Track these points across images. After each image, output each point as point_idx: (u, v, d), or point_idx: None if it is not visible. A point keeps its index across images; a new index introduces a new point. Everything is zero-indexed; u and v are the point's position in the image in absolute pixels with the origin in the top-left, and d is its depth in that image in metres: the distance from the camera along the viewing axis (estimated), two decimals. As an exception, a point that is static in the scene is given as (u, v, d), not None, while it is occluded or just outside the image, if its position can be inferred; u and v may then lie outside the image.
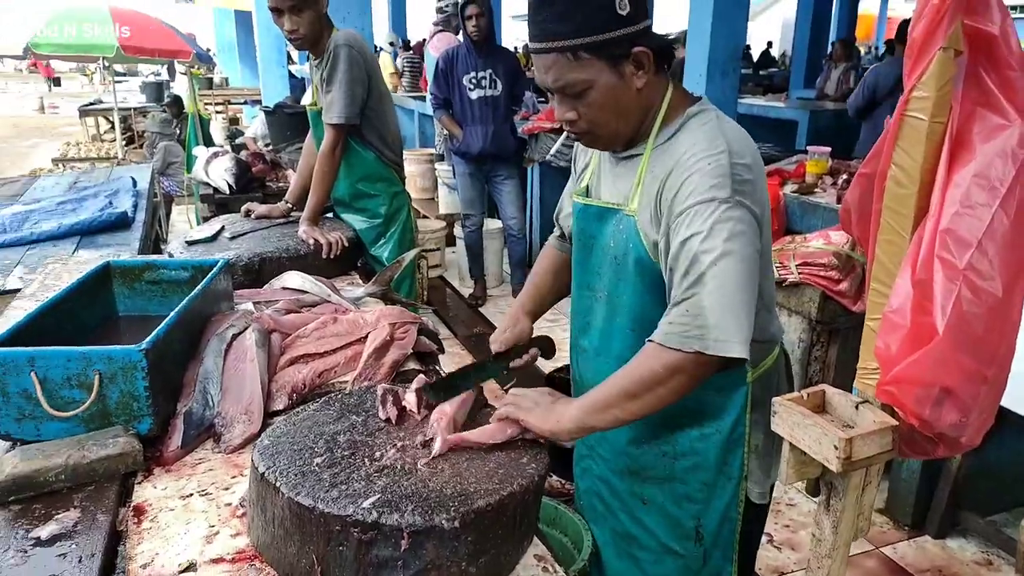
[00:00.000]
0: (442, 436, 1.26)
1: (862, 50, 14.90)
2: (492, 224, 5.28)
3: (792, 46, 13.83)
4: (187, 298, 1.71)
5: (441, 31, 5.85)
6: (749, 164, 1.26)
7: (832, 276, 2.55)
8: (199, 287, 1.78)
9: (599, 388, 1.32)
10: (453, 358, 4.23)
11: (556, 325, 2.81)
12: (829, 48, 12.53)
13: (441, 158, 6.41)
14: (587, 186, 1.52)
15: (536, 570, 1.21)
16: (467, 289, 5.32)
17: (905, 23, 5.72)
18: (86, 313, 1.80)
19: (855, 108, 5.65)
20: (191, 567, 1.18)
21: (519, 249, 5.03)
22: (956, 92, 0.92)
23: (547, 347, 1.70)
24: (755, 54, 17.53)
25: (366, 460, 1.22)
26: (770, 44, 20.88)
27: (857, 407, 1.06)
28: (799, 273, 2.63)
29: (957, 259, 0.87)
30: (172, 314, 1.60)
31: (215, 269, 1.90)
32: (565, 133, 5.03)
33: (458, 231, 5.26)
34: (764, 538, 2.72)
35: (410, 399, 1.41)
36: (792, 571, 2.57)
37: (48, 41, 6.97)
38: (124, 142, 10.17)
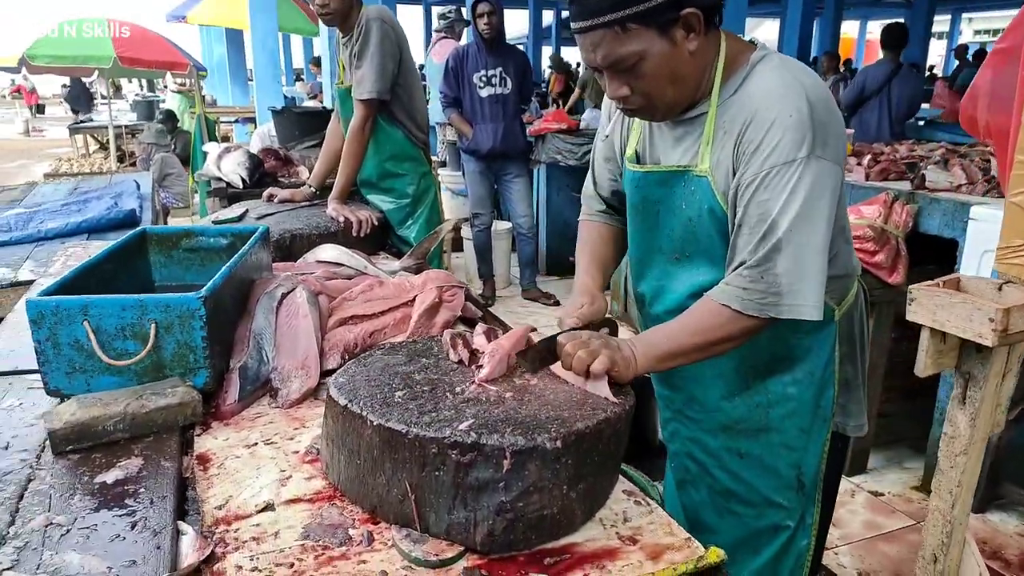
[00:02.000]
0: (492, 363, 1.22)
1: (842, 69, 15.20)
2: (500, 224, 5.26)
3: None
4: (236, 255, 1.67)
5: (444, 38, 5.85)
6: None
7: (868, 248, 2.54)
8: (245, 247, 1.74)
9: (668, 338, 1.30)
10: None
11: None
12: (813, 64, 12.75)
13: (444, 164, 6.39)
14: (636, 152, 1.47)
15: (628, 503, 1.17)
16: (475, 290, 5.28)
17: (891, 24, 5.88)
18: (122, 281, 1.75)
19: (846, 103, 5.89)
20: (269, 507, 1.13)
21: (529, 249, 5.01)
22: None
23: (613, 329, 1.65)
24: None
25: (448, 394, 1.17)
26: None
27: (1000, 288, 1.03)
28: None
29: None
30: (224, 267, 1.56)
31: (257, 234, 1.86)
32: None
33: (465, 232, 5.23)
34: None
35: (479, 341, 1.36)
36: (837, 546, 2.52)
37: (45, 52, 6.92)
38: (116, 159, 10.10)
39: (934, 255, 2.69)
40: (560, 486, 1.04)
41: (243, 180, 3.56)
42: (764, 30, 26.45)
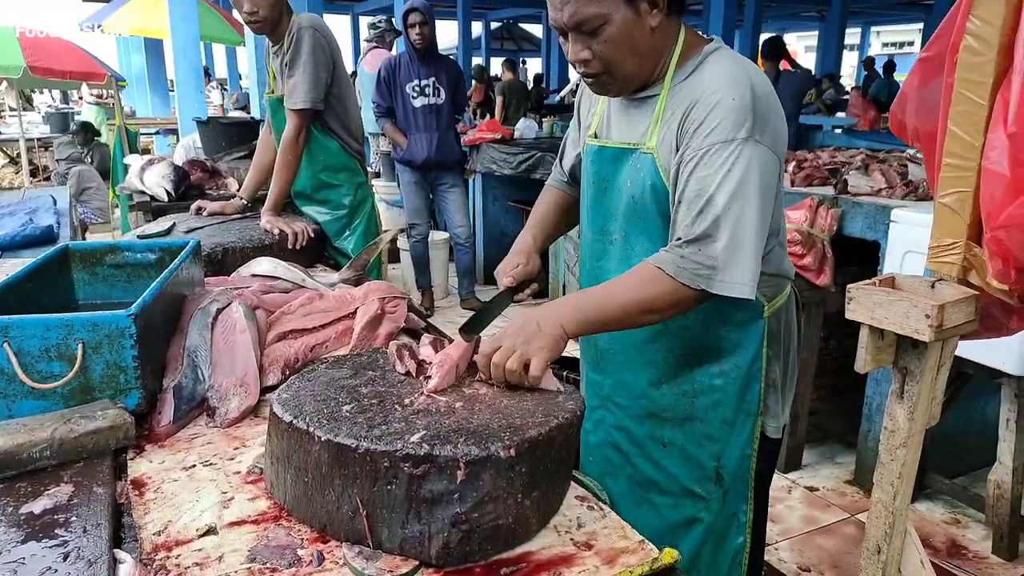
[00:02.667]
0: (440, 373, 1.21)
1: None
2: (437, 235, 5.23)
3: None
4: (166, 270, 1.60)
5: (375, 47, 5.80)
6: (770, 97, 1.28)
7: (796, 252, 2.63)
8: (176, 261, 1.68)
9: (594, 301, 1.32)
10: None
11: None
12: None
13: (378, 175, 6.32)
14: (595, 131, 1.52)
15: (581, 509, 1.17)
16: (414, 301, 5.23)
17: (769, 38, 6.52)
18: (44, 301, 1.66)
19: None
20: (211, 531, 1.08)
21: (466, 258, 4.99)
22: None
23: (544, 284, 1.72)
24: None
25: (397, 407, 1.15)
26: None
27: (933, 285, 1.07)
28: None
29: None
30: (155, 283, 1.50)
31: (188, 247, 1.79)
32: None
33: (402, 243, 5.18)
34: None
35: (426, 352, 1.35)
36: (777, 541, 2.59)
37: (-53, 63, 6.55)
38: (29, 174, 9.61)
39: (858, 257, 2.81)
40: (515, 495, 1.03)
41: (168, 193, 3.44)
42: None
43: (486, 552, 1.03)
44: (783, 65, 7.03)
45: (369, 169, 6.41)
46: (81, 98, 14.69)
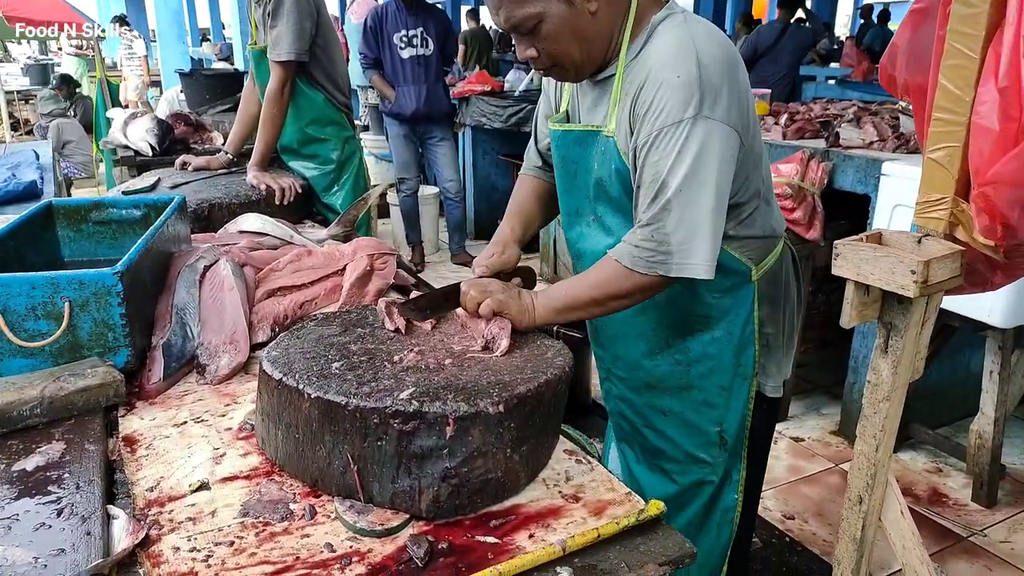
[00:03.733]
0: (508, 336, 1.23)
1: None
2: (427, 189, 5.19)
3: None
4: (151, 227, 1.59)
5: (361, -4, 5.67)
6: (721, 66, 1.21)
7: (787, 205, 2.62)
8: (161, 218, 1.66)
9: (567, 291, 1.34)
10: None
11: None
12: (728, 24, 12.99)
13: (366, 128, 6.24)
14: (567, 111, 1.49)
15: (570, 462, 1.18)
16: (404, 256, 5.22)
17: None
18: (29, 259, 1.64)
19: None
20: (203, 486, 1.10)
21: (456, 213, 4.96)
22: None
23: (529, 278, 1.67)
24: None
25: (387, 363, 1.15)
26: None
27: (919, 240, 1.08)
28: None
29: None
30: (140, 240, 1.49)
31: (173, 204, 1.78)
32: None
33: (392, 198, 5.14)
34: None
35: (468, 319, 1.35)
36: (764, 490, 2.64)
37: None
38: (9, 127, 9.43)
39: (848, 211, 2.81)
40: (503, 449, 1.05)
41: (152, 148, 3.39)
42: (681, -10, 26.66)
43: (475, 505, 1.04)
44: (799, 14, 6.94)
45: (357, 122, 6.34)
46: (60, 49, 14.34)
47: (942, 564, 2.26)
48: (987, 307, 2.21)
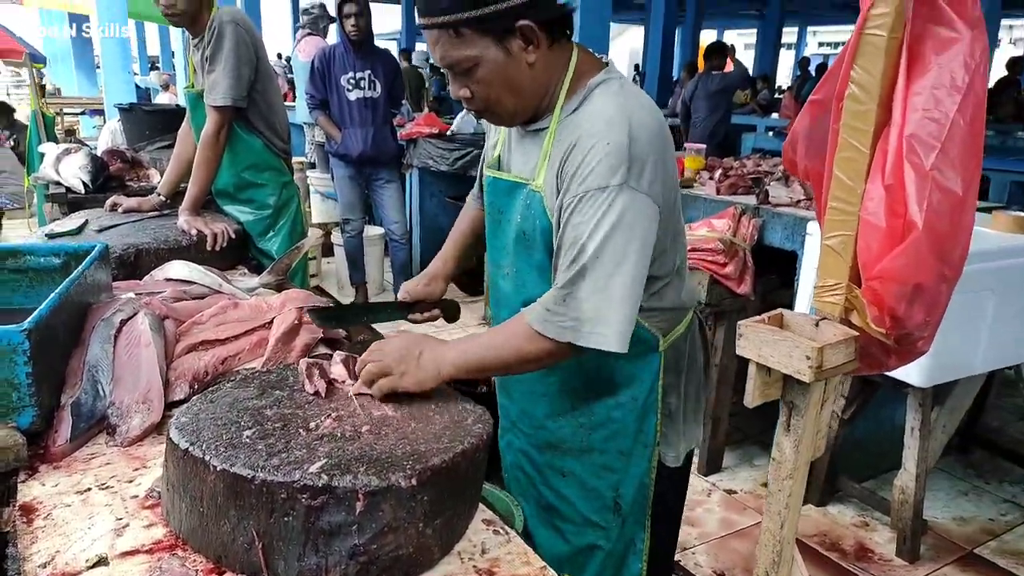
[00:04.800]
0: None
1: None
2: (372, 230, 5.16)
3: (643, 71, 14.65)
4: (68, 279, 1.53)
5: (309, 34, 5.66)
6: (651, 139, 1.22)
7: (719, 260, 2.68)
8: (79, 269, 1.60)
9: (477, 348, 1.32)
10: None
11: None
12: (676, 72, 13.41)
13: (313, 166, 6.20)
14: (498, 157, 1.48)
15: (487, 533, 1.17)
16: (347, 298, 5.15)
17: (712, 44, 7.50)
18: (-65, 306, 1.58)
19: (681, 119, 7.38)
20: (101, 561, 1.04)
21: (402, 254, 4.94)
22: (907, 11, 1.00)
23: (452, 312, 1.72)
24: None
25: (301, 431, 1.13)
26: (637, 67, 22.10)
27: (817, 324, 1.11)
28: (689, 259, 2.75)
29: (924, 161, 0.94)
30: (54, 293, 1.43)
31: (94, 252, 1.72)
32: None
33: (336, 238, 5.09)
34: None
35: (337, 371, 1.33)
36: (694, 545, 2.65)
37: None
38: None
39: (778, 266, 2.89)
40: (416, 524, 1.03)
41: (85, 185, 3.31)
42: (629, 36, 27.53)
43: (385, 583, 1.02)
44: (728, 66, 7.52)
45: (304, 159, 6.29)
46: (-1, 73, 13.96)
47: (866, 620, 2.29)
48: (906, 367, 2.28)
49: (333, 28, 5.42)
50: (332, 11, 5.12)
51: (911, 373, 2.27)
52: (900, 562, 2.58)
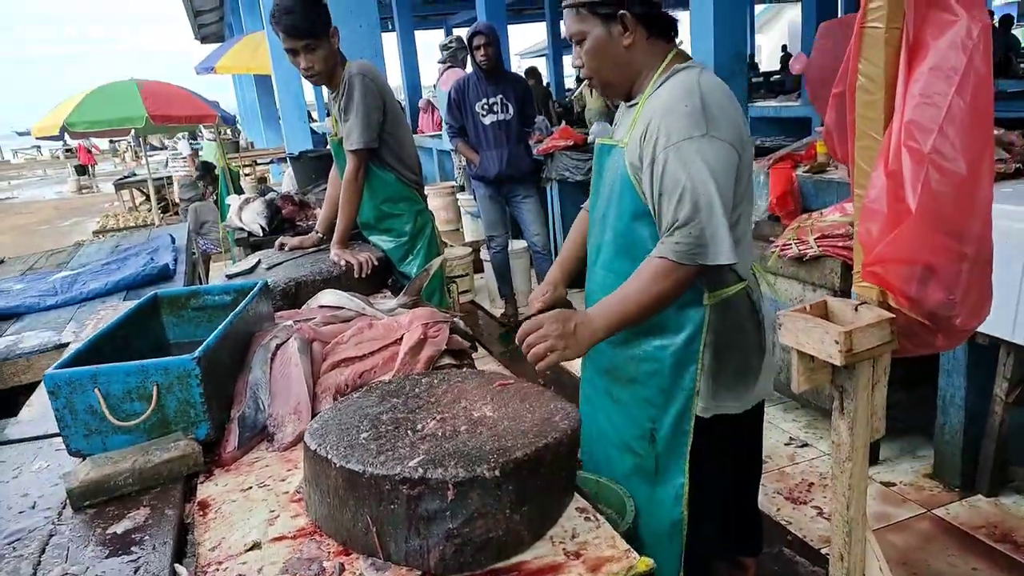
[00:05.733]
0: None
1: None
2: (517, 244, 5.38)
3: (800, 49, 13.91)
4: (232, 314, 1.82)
5: (450, 67, 6.02)
6: (722, 105, 1.52)
7: (851, 246, 2.57)
8: (241, 306, 1.90)
9: (617, 305, 1.56)
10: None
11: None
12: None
13: (462, 189, 6.55)
14: (611, 134, 1.81)
15: (579, 520, 1.26)
16: (498, 310, 5.41)
17: None
18: (138, 342, 1.92)
19: None
20: (256, 546, 1.26)
21: (545, 265, 5.10)
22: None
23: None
24: (767, 61, 17.67)
25: (408, 432, 1.29)
26: (785, 48, 21.05)
27: (856, 308, 1.11)
28: (818, 246, 2.67)
29: (922, 145, 0.94)
30: (220, 327, 1.71)
31: (255, 290, 2.01)
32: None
33: (484, 255, 5.36)
34: (813, 511, 2.73)
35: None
36: (845, 540, 2.56)
37: (82, 119, 7.33)
38: (160, 210, 10.56)
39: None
40: (503, 510, 1.15)
41: (263, 228, 3.77)
42: (787, 15, 26.04)
43: (480, 563, 1.15)
44: None
45: (454, 184, 6.66)
46: (204, 135, 15.89)
47: (1041, 619, 2.10)
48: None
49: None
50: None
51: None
52: (1087, 559, 2.33)
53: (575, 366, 4.23)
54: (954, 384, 2.66)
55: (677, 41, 1.68)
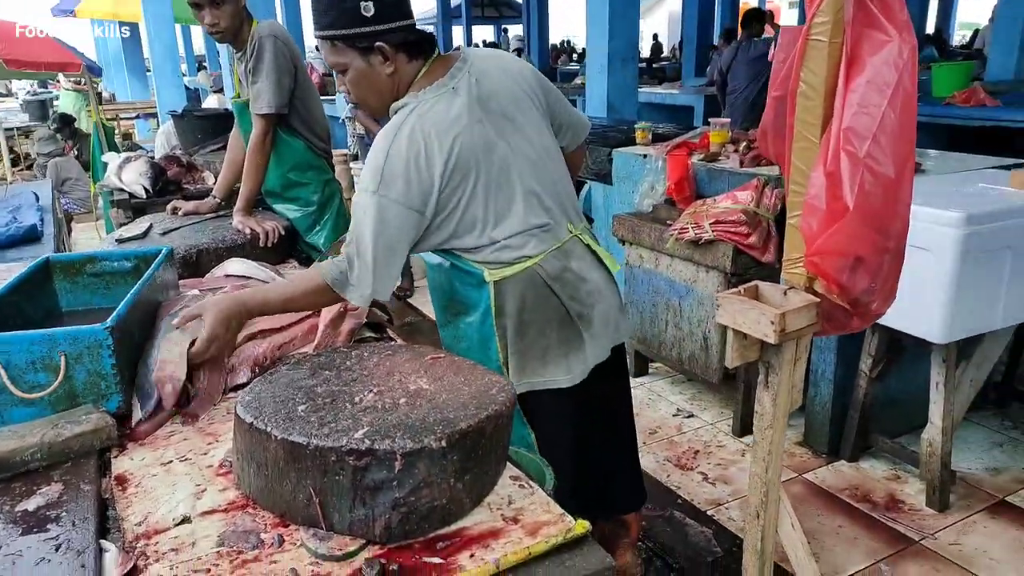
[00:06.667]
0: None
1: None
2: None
3: (680, 38, 14.46)
4: (140, 280, 1.73)
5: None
6: (409, 158, 1.57)
7: (742, 231, 2.77)
8: (149, 271, 1.81)
9: (267, 293, 1.74)
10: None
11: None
12: (715, 39, 13.20)
13: (356, 158, 6.41)
14: None
15: (514, 487, 1.32)
16: (393, 283, 5.37)
17: (749, 10, 7.22)
18: (29, 309, 1.79)
19: (718, 89, 7.06)
20: (186, 520, 1.23)
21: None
22: (847, 17, 1.11)
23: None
24: (643, 48, 18.27)
25: (347, 404, 1.29)
26: (655, 36, 21.79)
27: (785, 293, 1.23)
28: (712, 231, 2.84)
29: (858, 150, 1.06)
30: (129, 294, 1.63)
31: (161, 255, 1.92)
32: None
33: (380, 226, 5.28)
34: (699, 476, 2.94)
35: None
36: (728, 501, 2.78)
37: (-79, 58, 6.55)
38: (10, 164, 9.63)
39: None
40: (448, 479, 1.19)
41: (146, 190, 3.55)
42: (669, 2, 27.00)
43: (424, 530, 1.18)
44: (767, 32, 7.29)
45: (347, 152, 6.50)
46: (59, 82, 14.59)
47: (894, 567, 2.39)
48: (925, 326, 2.36)
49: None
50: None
51: (931, 331, 2.34)
52: (930, 511, 2.65)
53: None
54: (825, 360, 2.94)
55: (437, 51, 1.70)
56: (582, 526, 1.18)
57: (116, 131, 11.39)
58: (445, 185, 1.63)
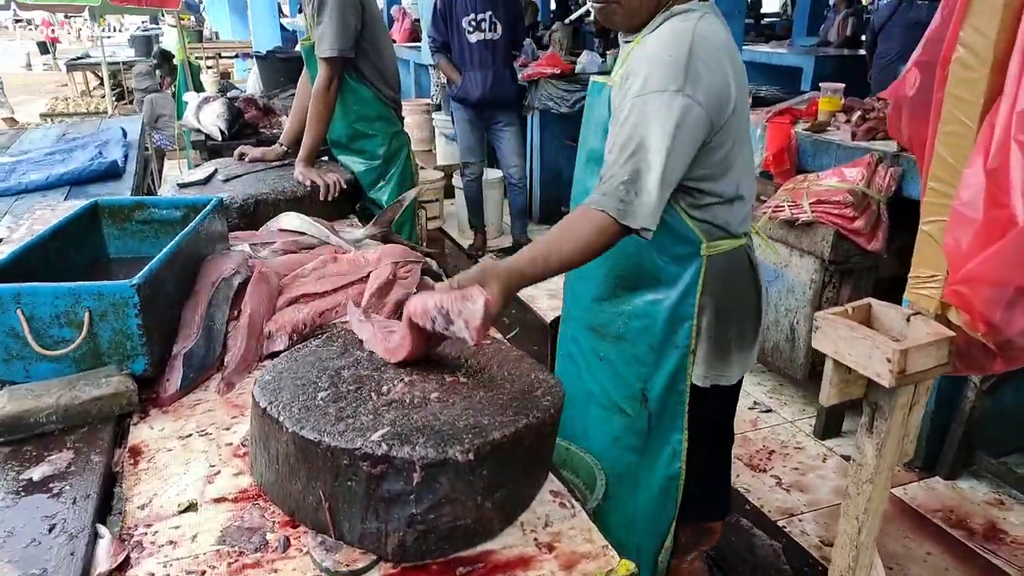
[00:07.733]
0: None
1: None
2: (492, 173, 5.17)
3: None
4: (179, 235, 1.63)
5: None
6: (711, 61, 1.39)
7: (847, 214, 2.47)
8: (192, 225, 1.71)
9: (541, 252, 1.37)
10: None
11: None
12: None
13: (438, 108, 6.26)
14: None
15: (553, 506, 1.16)
16: (467, 240, 5.24)
17: None
18: (75, 254, 1.73)
19: (867, 50, 6.31)
20: (191, 507, 1.13)
21: (520, 199, 4.93)
22: None
23: None
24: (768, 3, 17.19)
25: (373, 394, 1.15)
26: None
27: (908, 319, 0.99)
28: (812, 212, 2.55)
29: None
30: (164, 251, 1.53)
31: (208, 207, 1.82)
32: None
33: (457, 181, 5.15)
34: (772, 480, 2.70)
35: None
36: (802, 512, 2.54)
37: (31, -10, 6.74)
38: (114, 97, 9.95)
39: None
40: (474, 497, 1.03)
41: (222, 132, 3.50)
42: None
43: (444, 551, 1.04)
44: None
45: (430, 102, 6.36)
46: (166, 20, 14.99)
47: (989, 609, 2.12)
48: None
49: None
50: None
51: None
52: (1037, 549, 2.36)
53: (543, 307, 4.13)
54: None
55: None
56: (625, 567, 1.00)
57: (216, 68, 11.61)
58: (724, 112, 1.43)
